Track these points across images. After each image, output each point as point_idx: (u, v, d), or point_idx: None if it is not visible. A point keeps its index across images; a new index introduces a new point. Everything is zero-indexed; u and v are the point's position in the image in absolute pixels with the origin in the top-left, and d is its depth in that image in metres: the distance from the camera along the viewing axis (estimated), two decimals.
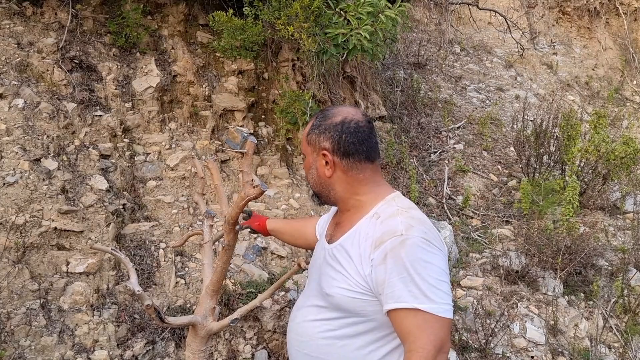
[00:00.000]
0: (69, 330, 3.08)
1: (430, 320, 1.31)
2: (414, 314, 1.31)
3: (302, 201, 4.47)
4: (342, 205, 1.58)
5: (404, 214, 1.45)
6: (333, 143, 1.51)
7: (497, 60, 8.58)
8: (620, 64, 10.16)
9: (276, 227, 2.15)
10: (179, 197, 3.96)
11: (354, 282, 1.42)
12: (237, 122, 4.39)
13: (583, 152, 5.07)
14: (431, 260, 1.35)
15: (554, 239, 4.02)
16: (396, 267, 1.34)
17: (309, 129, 1.58)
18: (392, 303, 1.34)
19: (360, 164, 1.52)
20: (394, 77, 7.18)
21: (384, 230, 1.41)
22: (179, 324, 2.53)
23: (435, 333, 1.30)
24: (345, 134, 1.51)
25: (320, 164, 1.55)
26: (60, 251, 3.31)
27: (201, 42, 4.58)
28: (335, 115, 1.54)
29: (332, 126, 1.52)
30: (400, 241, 1.36)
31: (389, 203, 1.51)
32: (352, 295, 1.43)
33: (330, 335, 1.49)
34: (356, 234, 1.47)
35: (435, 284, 1.33)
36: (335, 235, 1.57)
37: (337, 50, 3.80)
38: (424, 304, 1.31)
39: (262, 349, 3.58)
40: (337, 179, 1.53)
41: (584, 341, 3.84)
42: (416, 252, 1.35)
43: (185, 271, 3.70)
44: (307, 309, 1.58)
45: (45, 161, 3.46)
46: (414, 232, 1.38)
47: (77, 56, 3.98)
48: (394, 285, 1.34)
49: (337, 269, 1.48)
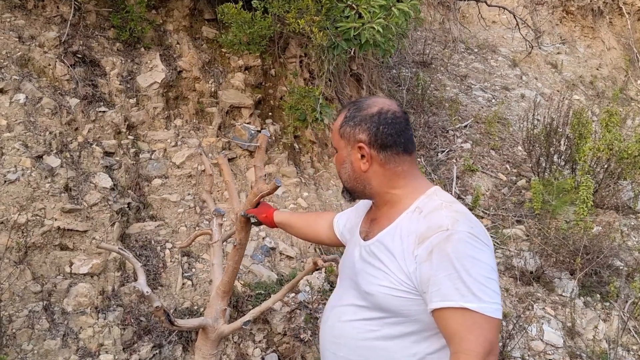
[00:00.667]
0: (73, 333, 2.96)
1: (479, 320, 1.21)
2: (461, 313, 1.22)
3: (311, 200, 4.36)
4: (378, 200, 1.48)
5: (448, 208, 1.35)
6: (370, 135, 1.41)
7: (502, 59, 8.50)
8: (624, 63, 10.09)
9: (285, 219, 2.03)
10: (185, 195, 3.84)
11: (397, 280, 1.33)
12: (243, 119, 4.28)
13: (595, 150, 4.98)
14: (479, 257, 1.26)
15: (571, 239, 3.92)
16: (442, 263, 1.25)
17: (341, 121, 1.48)
18: (437, 302, 1.25)
19: (399, 156, 1.43)
20: (399, 76, 7.08)
21: (428, 225, 1.31)
22: (189, 326, 2.42)
23: (484, 334, 1.21)
24: (382, 125, 1.41)
25: (355, 158, 1.44)
26: (64, 251, 3.19)
27: (207, 37, 4.46)
28: (370, 106, 1.45)
29: (369, 117, 1.43)
30: (446, 236, 1.27)
31: (431, 197, 1.41)
32: (395, 294, 1.33)
33: (370, 336, 1.39)
34: (397, 230, 1.37)
35: (483, 281, 1.23)
36: (372, 232, 1.47)
37: (348, 44, 3.69)
38: (472, 303, 1.21)
39: (272, 352, 3.46)
40: (374, 173, 1.44)
41: (602, 343, 3.73)
42: (463, 247, 1.26)
43: (192, 272, 3.59)
44: (342, 309, 1.48)
45: (47, 158, 3.34)
46: (460, 226, 1.29)
47: (80, 50, 3.86)
48: (439, 282, 1.24)
49: (377, 267, 1.38)
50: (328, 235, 1.89)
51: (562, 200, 4.78)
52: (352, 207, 1.85)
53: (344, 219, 1.81)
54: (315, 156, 4.70)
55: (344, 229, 1.79)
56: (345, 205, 4.58)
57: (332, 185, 4.71)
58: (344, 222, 1.80)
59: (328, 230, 1.89)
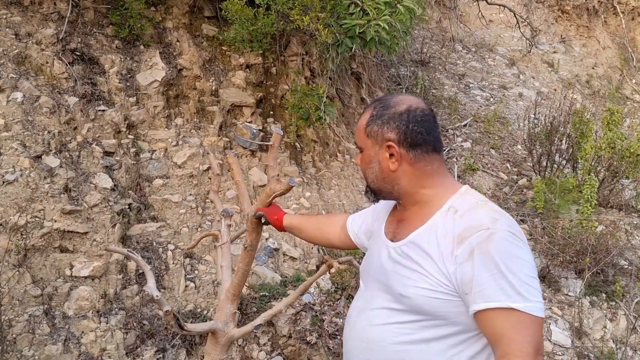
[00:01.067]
0: (74, 338, 2.88)
1: (525, 320, 1.18)
2: (507, 314, 1.18)
3: (313, 200, 4.30)
4: (406, 200, 1.43)
5: (485, 207, 1.31)
6: (399, 133, 1.37)
7: (500, 58, 8.49)
8: (619, 62, 10.12)
9: (294, 223, 1.97)
10: (186, 196, 3.77)
11: (436, 282, 1.28)
12: (245, 118, 4.21)
13: (597, 149, 4.95)
14: (521, 255, 1.23)
15: (577, 239, 3.88)
16: (485, 263, 1.21)
17: (367, 119, 1.42)
18: (481, 303, 1.21)
19: (428, 155, 1.38)
20: (398, 75, 7.04)
21: (466, 225, 1.27)
22: (199, 331, 2.36)
23: (531, 334, 1.18)
24: (412, 124, 1.37)
25: (383, 157, 1.39)
26: (64, 254, 3.11)
27: (207, 34, 4.39)
28: (398, 103, 1.40)
29: (397, 115, 1.38)
30: (487, 235, 1.23)
31: (464, 196, 1.37)
32: (434, 296, 1.28)
33: (406, 340, 1.34)
34: (432, 230, 1.33)
35: (527, 280, 1.20)
36: (401, 233, 1.42)
37: (352, 42, 3.63)
38: (518, 303, 1.18)
39: (277, 355, 3.40)
40: (403, 172, 1.39)
41: (609, 343, 3.71)
42: (505, 246, 1.22)
43: (195, 274, 3.52)
44: (373, 312, 1.42)
45: (46, 158, 3.26)
46: (501, 225, 1.25)
47: (78, 48, 3.78)
48: (483, 283, 1.20)
49: (412, 268, 1.33)
50: (340, 237, 1.84)
51: (565, 199, 4.75)
52: (366, 208, 1.80)
53: (359, 220, 1.76)
54: (317, 155, 4.64)
55: (359, 230, 1.74)
56: (349, 205, 4.52)
57: (334, 185, 4.65)
58: (359, 224, 1.75)
59: (340, 232, 1.84)
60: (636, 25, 10.85)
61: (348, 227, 1.79)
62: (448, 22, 8.28)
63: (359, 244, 1.76)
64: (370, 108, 1.44)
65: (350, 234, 1.78)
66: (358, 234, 1.74)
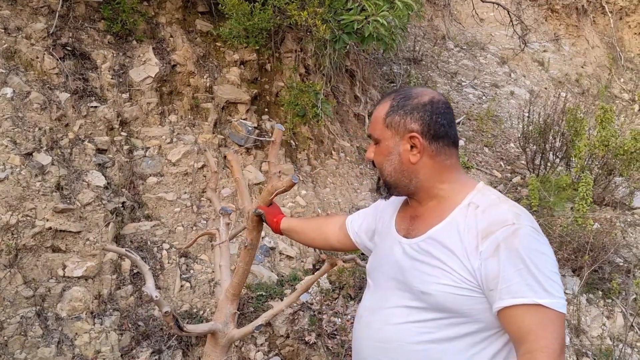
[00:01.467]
0: (68, 340, 2.81)
1: (552, 316, 1.16)
2: (535, 310, 1.16)
3: (309, 198, 4.25)
4: (422, 195, 1.39)
5: (507, 203, 1.29)
6: (423, 125, 1.33)
7: (491, 56, 8.49)
8: (607, 61, 10.19)
9: (291, 226, 1.92)
10: (181, 194, 3.70)
11: (459, 278, 1.25)
12: (240, 115, 4.15)
13: (591, 147, 4.96)
14: (544, 251, 1.21)
15: (575, 236, 3.88)
16: (511, 258, 1.18)
17: (387, 110, 1.37)
18: (508, 299, 1.18)
19: (449, 148, 1.35)
20: (391, 73, 7.01)
21: (491, 220, 1.24)
22: (198, 332, 2.30)
23: (557, 330, 1.16)
24: (435, 115, 1.33)
25: (404, 149, 1.34)
26: (56, 253, 3.03)
27: (200, 30, 4.32)
28: (420, 94, 1.37)
29: (421, 106, 1.34)
30: (512, 231, 1.20)
31: (483, 192, 1.34)
32: (458, 292, 1.25)
33: (426, 339, 1.30)
34: (452, 226, 1.29)
35: (551, 276, 1.18)
36: (416, 229, 1.38)
37: (350, 38, 3.59)
38: (544, 299, 1.15)
39: (275, 355, 3.35)
40: (423, 165, 1.35)
41: (606, 341, 3.70)
42: (530, 242, 1.20)
43: (191, 274, 3.45)
44: (390, 311, 1.37)
45: (37, 155, 3.17)
46: (524, 221, 1.23)
47: (69, 43, 3.68)
48: (510, 279, 1.17)
49: (433, 265, 1.29)
50: (339, 238, 1.79)
51: (560, 197, 4.75)
52: (366, 208, 1.76)
53: (359, 220, 1.72)
54: (312, 153, 4.59)
55: (360, 229, 1.69)
56: (344, 203, 4.48)
57: (329, 183, 4.61)
58: (359, 223, 1.71)
59: (339, 232, 1.79)
60: (624, 25, 10.94)
61: (347, 227, 1.75)
62: (440, 20, 8.27)
63: (359, 243, 1.71)
64: (388, 99, 1.40)
65: (350, 233, 1.73)
66: (358, 233, 1.69)
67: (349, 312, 3.46)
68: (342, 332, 3.30)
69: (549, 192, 4.86)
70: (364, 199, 4.63)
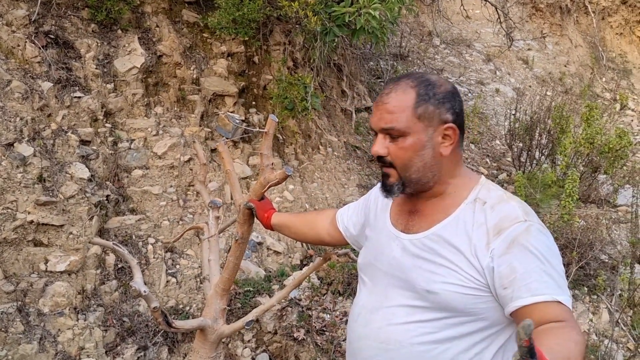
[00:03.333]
0: (50, 336, 2.73)
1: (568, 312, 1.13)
2: (554, 306, 1.11)
3: (297, 193, 4.21)
4: (435, 189, 1.31)
5: (513, 199, 1.26)
6: (454, 115, 1.26)
7: (477, 54, 8.52)
8: (590, 61, 10.31)
9: (282, 221, 1.87)
10: (167, 187, 3.62)
11: (466, 277, 1.20)
12: (227, 107, 4.08)
13: (576, 144, 5.00)
14: (555, 249, 1.19)
15: (562, 233, 3.90)
16: (527, 256, 1.14)
17: (415, 99, 1.24)
18: (528, 297, 1.13)
19: (463, 140, 1.32)
20: (377, 68, 6.99)
21: (502, 216, 1.20)
22: (187, 328, 2.24)
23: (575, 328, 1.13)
24: (459, 103, 1.28)
25: (437, 141, 1.26)
26: (38, 247, 2.94)
27: (187, 21, 4.23)
28: (441, 82, 1.28)
29: (450, 95, 1.27)
30: (525, 228, 1.17)
31: (487, 187, 1.30)
32: (465, 292, 1.21)
33: (429, 339, 1.25)
34: (459, 223, 1.25)
35: (562, 274, 1.17)
36: (417, 225, 1.32)
37: (341, 31, 3.54)
38: (561, 296, 1.12)
39: (263, 352, 3.30)
40: (449, 158, 1.29)
41: (592, 336, 3.73)
42: (543, 239, 1.17)
43: (177, 269, 3.38)
44: (391, 310, 1.32)
45: (19, 146, 3.07)
46: (533, 217, 1.21)
47: (52, 31, 3.57)
48: (527, 277, 1.13)
49: (438, 263, 1.24)
50: (329, 232, 1.75)
51: (546, 194, 4.77)
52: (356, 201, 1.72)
53: (349, 213, 1.67)
54: (300, 148, 4.54)
55: (349, 222, 1.65)
56: (332, 199, 4.44)
57: (316, 178, 4.56)
58: (347, 217, 1.66)
59: (330, 227, 1.74)
60: (606, 25, 11.08)
61: (337, 221, 1.71)
62: (427, 17, 8.26)
63: (348, 237, 1.67)
64: (407, 86, 1.26)
65: (340, 227, 1.69)
66: (348, 227, 1.65)
67: (338, 308, 3.43)
68: (332, 328, 3.27)
69: (535, 189, 4.89)
70: (351, 194, 4.60)
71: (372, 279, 1.43)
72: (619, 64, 10.56)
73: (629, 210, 4.88)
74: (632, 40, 10.98)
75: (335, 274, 3.55)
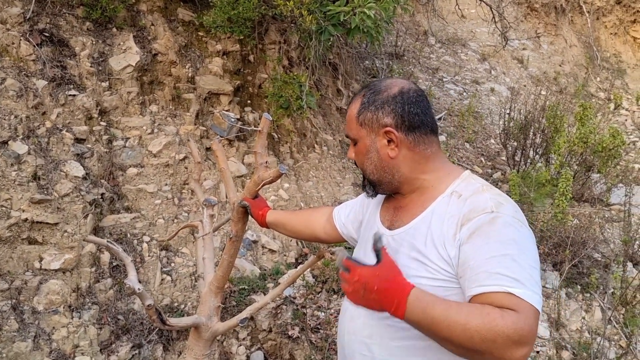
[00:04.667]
0: (45, 334, 2.73)
1: (523, 306, 1.09)
2: (504, 298, 1.08)
3: (292, 192, 4.22)
4: (406, 187, 1.36)
5: (490, 191, 1.25)
6: (396, 117, 1.30)
7: (472, 53, 8.55)
8: (584, 61, 10.36)
9: (278, 219, 1.89)
10: (162, 186, 3.62)
11: (436, 269, 1.22)
12: (222, 106, 4.08)
13: (570, 143, 5.03)
14: (524, 243, 1.16)
15: (555, 232, 3.92)
16: (485, 245, 1.14)
17: (358, 108, 1.35)
18: (476, 287, 1.12)
19: (427, 137, 1.32)
20: (373, 67, 7.00)
21: (471, 208, 1.20)
22: (182, 325, 2.25)
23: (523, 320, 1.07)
24: (407, 105, 1.30)
25: (381, 145, 1.32)
26: (32, 245, 2.94)
27: (182, 19, 4.23)
28: (389, 87, 1.33)
29: (391, 98, 1.31)
30: (490, 218, 1.16)
31: (468, 181, 1.30)
32: (435, 284, 1.21)
33: (409, 335, 1.25)
34: (433, 215, 1.26)
35: (528, 269, 1.12)
36: (400, 220, 1.35)
37: (336, 30, 3.55)
38: (516, 289, 1.09)
39: (258, 349, 3.31)
40: (403, 158, 1.32)
41: (585, 334, 3.76)
42: (509, 231, 1.15)
43: (172, 267, 3.39)
44: None
45: (13, 144, 3.07)
46: (505, 209, 1.19)
47: (47, 29, 3.57)
48: (480, 266, 1.13)
49: (412, 256, 1.26)
50: (325, 229, 1.77)
51: (540, 192, 4.80)
52: (353, 199, 1.73)
53: (346, 210, 1.69)
54: (295, 146, 4.55)
55: (347, 220, 1.67)
56: (327, 197, 4.46)
57: (312, 176, 4.57)
58: (345, 214, 1.68)
59: (326, 224, 1.76)
60: (600, 25, 11.13)
61: (334, 218, 1.72)
62: (422, 16, 8.28)
63: (345, 234, 1.69)
64: (359, 96, 1.37)
65: (337, 224, 1.71)
66: (345, 224, 1.67)
67: (333, 307, 3.44)
68: (326, 326, 3.28)
69: (529, 188, 4.91)
70: (346, 193, 4.61)
71: None
72: (613, 64, 10.62)
73: (622, 209, 4.92)
74: (627, 40, 11.04)
75: (330, 272, 3.57)
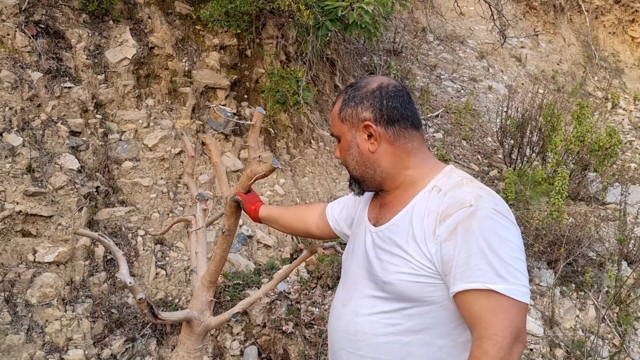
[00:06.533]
0: (38, 327, 2.72)
1: (505, 303, 1.09)
2: (487, 295, 1.09)
3: (287, 187, 4.21)
4: (389, 184, 1.36)
5: (469, 184, 1.24)
6: (374, 111, 1.31)
7: (470, 50, 8.54)
8: (582, 60, 10.35)
9: (270, 213, 1.89)
10: (157, 180, 3.61)
11: (417, 265, 1.21)
12: (219, 100, 4.07)
13: (567, 142, 5.03)
14: (505, 235, 1.14)
15: (551, 229, 3.92)
16: (466, 242, 1.13)
17: (340, 105, 1.38)
18: (460, 284, 1.12)
19: (407, 131, 1.32)
20: (370, 63, 6.98)
21: (450, 203, 1.20)
22: (173, 319, 2.25)
23: (510, 318, 1.08)
24: (385, 99, 1.31)
25: (361, 139, 1.33)
26: (26, 238, 2.93)
27: (180, 13, 4.21)
28: (369, 83, 1.36)
29: (370, 93, 1.33)
30: (470, 212, 1.15)
31: (449, 175, 1.30)
32: (417, 280, 1.21)
33: (393, 330, 1.26)
34: (414, 211, 1.26)
35: (510, 261, 1.12)
36: (384, 217, 1.35)
37: (334, 25, 3.54)
38: (497, 285, 1.09)
39: (252, 344, 3.31)
40: (383, 153, 1.32)
41: (579, 332, 3.77)
42: (489, 224, 1.13)
43: (166, 261, 3.38)
44: (358, 302, 1.34)
45: (7, 136, 3.05)
46: (485, 202, 1.17)
47: (43, 20, 3.55)
48: (462, 263, 1.12)
49: (394, 253, 1.26)
50: (318, 225, 1.77)
51: (536, 190, 4.80)
52: (346, 196, 1.73)
53: (339, 207, 1.69)
54: (291, 142, 4.54)
55: (340, 217, 1.67)
56: (323, 193, 4.45)
57: (308, 172, 4.57)
58: (338, 210, 1.68)
59: (319, 220, 1.76)
60: (599, 24, 11.13)
61: (327, 214, 1.72)
62: (420, 13, 8.27)
63: (337, 231, 1.69)
64: (342, 94, 1.40)
65: (330, 220, 1.71)
66: (338, 220, 1.67)
67: (327, 302, 3.44)
68: (320, 321, 3.28)
69: (525, 186, 4.91)
70: (342, 189, 4.61)
71: (346, 272, 1.47)
72: (611, 63, 10.62)
73: (618, 208, 4.93)
74: (625, 40, 11.04)
75: (324, 268, 3.56)
